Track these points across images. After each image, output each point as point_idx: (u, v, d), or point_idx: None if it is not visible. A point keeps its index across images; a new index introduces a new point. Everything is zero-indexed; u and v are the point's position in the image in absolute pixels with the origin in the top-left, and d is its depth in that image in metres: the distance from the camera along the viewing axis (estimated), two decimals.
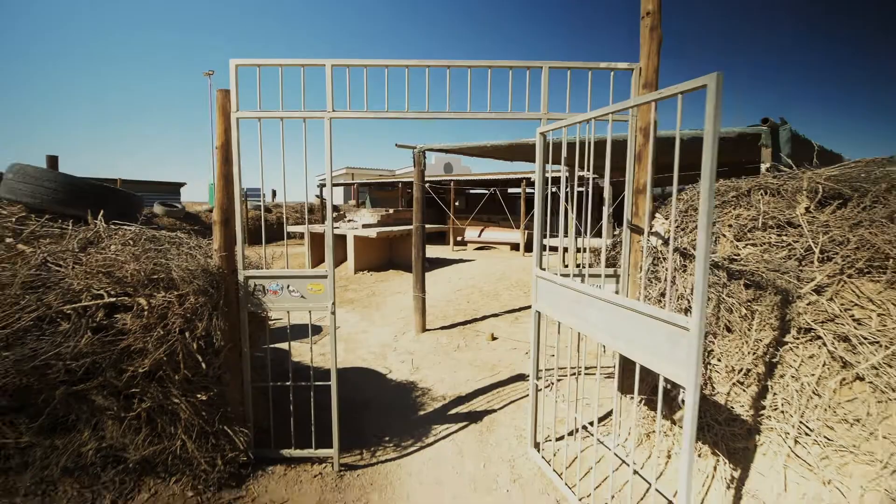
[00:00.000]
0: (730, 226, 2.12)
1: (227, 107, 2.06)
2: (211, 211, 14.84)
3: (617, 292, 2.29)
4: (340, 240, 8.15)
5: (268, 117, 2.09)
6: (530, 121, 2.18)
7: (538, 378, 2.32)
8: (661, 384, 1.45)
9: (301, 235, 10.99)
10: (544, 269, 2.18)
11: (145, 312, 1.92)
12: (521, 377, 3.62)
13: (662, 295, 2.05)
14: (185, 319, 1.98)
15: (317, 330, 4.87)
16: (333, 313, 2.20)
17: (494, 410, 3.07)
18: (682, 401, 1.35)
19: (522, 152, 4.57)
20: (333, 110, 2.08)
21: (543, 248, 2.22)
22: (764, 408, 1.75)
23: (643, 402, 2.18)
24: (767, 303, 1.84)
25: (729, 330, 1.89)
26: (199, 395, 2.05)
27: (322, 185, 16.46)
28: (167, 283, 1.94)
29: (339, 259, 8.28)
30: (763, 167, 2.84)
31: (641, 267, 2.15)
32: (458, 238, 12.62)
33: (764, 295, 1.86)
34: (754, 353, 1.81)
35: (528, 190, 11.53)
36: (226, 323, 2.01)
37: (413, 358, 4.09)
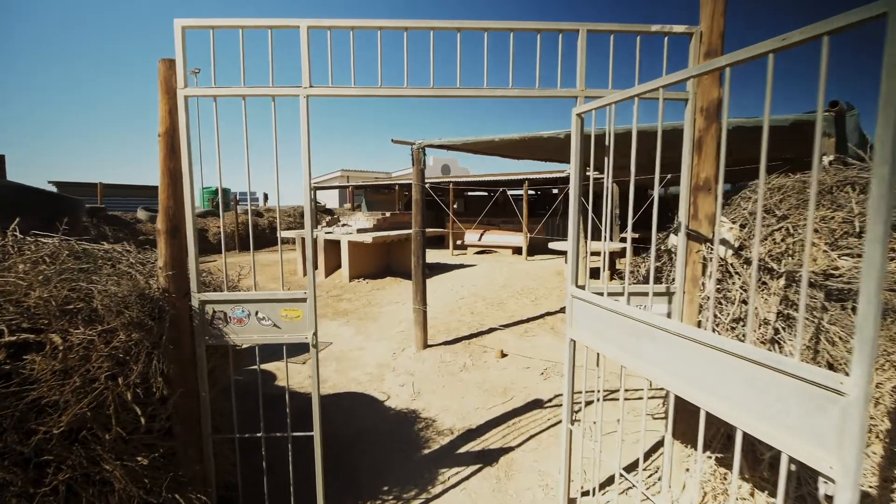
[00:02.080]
0: (816, 231, 1.68)
1: (171, 82, 1.60)
2: (201, 216, 14.31)
3: (669, 314, 1.84)
4: (334, 246, 7.68)
5: (226, 95, 1.62)
6: (562, 99, 1.72)
7: (573, 422, 1.86)
8: (785, 465, 1.00)
9: (294, 241, 10.48)
10: (582, 287, 1.72)
11: (59, 354, 1.44)
12: (537, 404, 3.16)
13: (736, 321, 1.60)
14: (115, 361, 1.50)
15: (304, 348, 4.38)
16: (316, 346, 1.73)
17: (511, 448, 2.60)
18: (825, 497, 0.89)
19: (537, 148, 4.12)
20: (311, 86, 1.62)
21: (568, 254, 1.77)
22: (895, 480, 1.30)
23: (712, 455, 1.72)
24: (888, 334, 1.39)
25: (833, 368, 1.44)
26: (139, 459, 1.57)
27: (316, 188, 15.96)
28: (88, 314, 1.46)
29: (334, 266, 7.80)
30: (826, 160, 2.41)
31: (704, 284, 1.70)
32: (458, 242, 12.17)
33: (882, 323, 1.41)
34: (874, 403, 1.36)
35: (530, 191, 11.11)
36: (168, 366, 1.54)
37: (414, 380, 3.62)
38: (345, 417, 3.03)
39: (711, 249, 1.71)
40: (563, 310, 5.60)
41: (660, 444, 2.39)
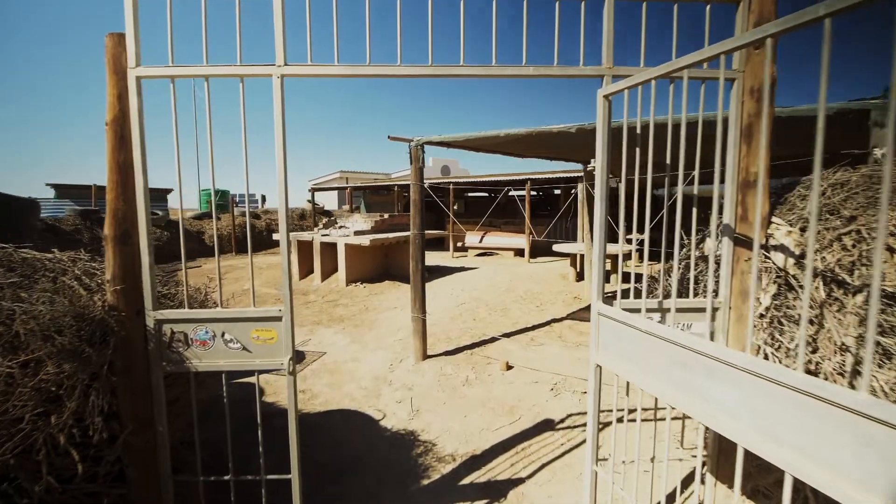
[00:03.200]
0: (893, 235, 1.41)
1: (121, 60, 1.33)
2: (198, 218, 14.05)
3: (711, 335, 1.56)
4: (331, 249, 7.42)
5: (185, 76, 1.35)
6: (586, 79, 1.45)
7: (598, 462, 1.58)
8: None
9: (290, 244, 10.19)
10: (610, 302, 1.45)
11: None
12: (548, 425, 2.88)
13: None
14: (46, 397, 1.23)
15: (298, 357, 4.10)
16: (293, 373, 1.45)
17: (522, 480, 2.32)
18: None
19: (545, 144, 3.85)
20: (286, 64, 1.35)
21: (593, 263, 1.49)
22: None
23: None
24: None
25: None
26: None
27: (314, 190, 15.71)
28: (10, 340, 1.19)
29: (330, 269, 7.54)
30: (878, 153, 2.13)
31: (760, 300, 1.43)
32: (459, 244, 11.90)
33: None
34: None
35: (532, 192, 10.84)
36: (113, 399, 1.26)
37: (412, 396, 3.34)
38: (336, 440, 2.75)
39: (767, 257, 1.43)
40: (570, 316, 5.32)
41: (691, 477, 2.11)
